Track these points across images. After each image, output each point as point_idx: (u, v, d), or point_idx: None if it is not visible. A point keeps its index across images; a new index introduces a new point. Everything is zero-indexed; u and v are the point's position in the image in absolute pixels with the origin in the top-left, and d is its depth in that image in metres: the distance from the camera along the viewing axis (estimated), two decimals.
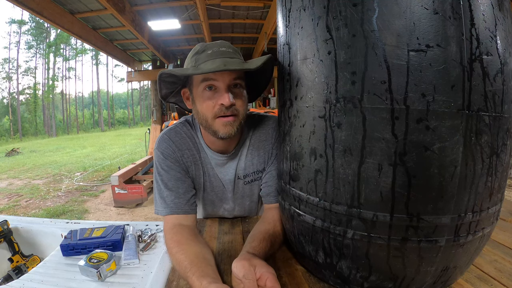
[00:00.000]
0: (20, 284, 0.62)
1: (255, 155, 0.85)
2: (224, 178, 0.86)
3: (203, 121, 0.73)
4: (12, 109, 26.24)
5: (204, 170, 0.84)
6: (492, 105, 0.45)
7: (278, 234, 0.72)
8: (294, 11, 0.55)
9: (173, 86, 0.78)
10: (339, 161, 0.49)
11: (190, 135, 0.82)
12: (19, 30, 27.72)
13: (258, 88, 0.84)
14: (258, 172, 0.86)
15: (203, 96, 0.71)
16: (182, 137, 0.81)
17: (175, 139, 0.81)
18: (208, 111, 0.70)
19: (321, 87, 0.51)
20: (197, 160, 0.82)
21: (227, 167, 0.85)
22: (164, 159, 0.78)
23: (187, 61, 0.73)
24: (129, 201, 3.84)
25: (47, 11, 3.85)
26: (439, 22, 0.42)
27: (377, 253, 0.49)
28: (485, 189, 0.47)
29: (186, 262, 0.59)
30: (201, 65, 0.67)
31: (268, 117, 0.88)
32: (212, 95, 0.70)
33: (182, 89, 0.78)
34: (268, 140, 0.84)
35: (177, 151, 0.80)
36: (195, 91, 0.72)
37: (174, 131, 0.82)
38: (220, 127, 0.71)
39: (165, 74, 0.70)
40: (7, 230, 0.90)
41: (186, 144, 0.81)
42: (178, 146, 0.80)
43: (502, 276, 0.59)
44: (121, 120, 39.55)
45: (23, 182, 5.56)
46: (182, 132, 0.82)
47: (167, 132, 0.82)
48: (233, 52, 0.70)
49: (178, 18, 4.93)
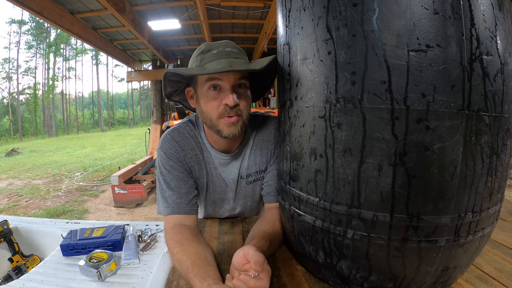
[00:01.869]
0: (20, 284, 0.62)
1: (258, 155, 0.85)
2: (227, 178, 0.86)
3: (207, 121, 0.73)
4: (12, 109, 26.24)
5: (207, 170, 0.84)
6: (492, 105, 0.45)
7: (278, 233, 0.72)
8: (294, 11, 0.55)
9: (178, 85, 0.78)
10: (339, 161, 0.49)
11: (193, 135, 0.83)
12: (19, 30, 27.72)
13: (262, 88, 0.84)
14: (261, 172, 0.87)
15: (207, 95, 0.71)
16: (185, 137, 0.81)
17: (178, 139, 0.81)
18: (212, 110, 0.71)
19: (321, 87, 0.51)
20: (200, 160, 0.82)
21: (231, 167, 0.85)
22: (167, 159, 0.78)
23: (192, 60, 0.73)
24: (129, 201, 3.84)
25: (47, 11, 3.84)
26: (439, 22, 0.42)
27: (377, 253, 0.49)
28: (485, 189, 0.47)
29: (188, 263, 0.59)
30: (207, 65, 0.67)
31: (271, 118, 0.89)
32: (216, 95, 0.70)
33: (186, 88, 0.79)
34: (270, 140, 0.85)
35: (180, 151, 0.80)
36: (200, 90, 0.73)
37: (178, 131, 0.82)
38: (224, 127, 0.71)
39: (170, 73, 0.70)
40: (7, 230, 0.90)
41: (190, 144, 0.81)
42: (181, 146, 0.80)
43: (502, 276, 0.59)
44: (121, 120, 39.53)
45: (23, 182, 5.56)
46: (185, 132, 0.82)
47: (170, 132, 0.82)
48: (238, 53, 0.71)
49: (178, 18, 4.93)
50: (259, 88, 0.83)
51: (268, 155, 0.85)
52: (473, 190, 0.46)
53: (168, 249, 0.68)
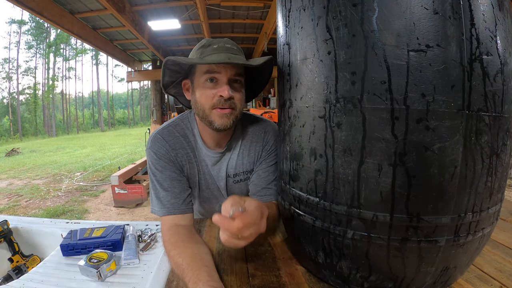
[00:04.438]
0: (20, 284, 0.62)
1: (245, 155, 0.86)
2: (217, 176, 0.87)
3: (200, 111, 0.74)
4: (12, 109, 26.24)
5: (198, 168, 0.84)
6: (492, 105, 0.45)
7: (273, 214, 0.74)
8: (294, 11, 0.55)
9: (176, 75, 0.79)
10: (339, 161, 0.49)
11: (184, 134, 0.82)
12: (19, 30, 27.72)
13: (255, 89, 0.86)
14: (247, 173, 0.88)
15: (204, 86, 0.72)
16: (175, 136, 0.81)
17: (168, 139, 0.80)
18: (206, 101, 0.72)
19: (321, 87, 0.51)
20: (191, 158, 0.82)
21: (220, 165, 0.86)
22: (158, 159, 0.78)
23: (193, 53, 0.75)
24: (129, 201, 3.84)
25: (47, 11, 3.85)
26: (439, 22, 0.42)
27: (377, 253, 0.49)
28: (485, 189, 0.47)
29: (183, 266, 0.59)
30: (206, 57, 0.69)
31: (263, 120, 0.90)
32: (213, 86, 0.71)
33: (184, 80, 0.80)
34: (259, 142, 0.86)
35: (171, 150, 0.79)
36: (197, 81, 0.74)
37: (167, 130, 0.82)
38: (217, 118, 0.72)
39: (170, 61, 0.71)
40: (7, 230, 0.90)
41: (180, 143, 0.81)
42: (171, 146, 0.79)
43: (502, 276, 0.59)
44: (121, 120, 39.54)
45: (23, 182, 5.56)
46: (175, 131, 0.82)
47: (159, 131, 0.81)
48: (237, 50, 0.73)
49: (178, 18, 4.93)
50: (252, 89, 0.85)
51: (255, 156, 0.86)
52: (473, 190, 0.46)
53: (165, 252, 0.68)
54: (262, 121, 0.89)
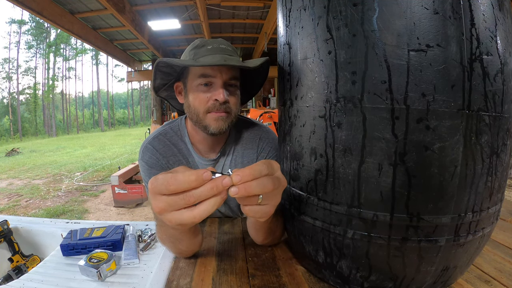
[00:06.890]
0: (20, 284, 0.62)
1: (238, 162, 0.84)
2: None
3: (193, 116, 0.72)
4: (12, 109, 26.23)
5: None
6: (492, 105, 0.45)
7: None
8: (294, 11, 0.55)
9: (168, 77, 0.77)
10: (339, 161, 0.49)
11: (174, 141, 0.81)
12: (19, 30, 27.72)
13: (250, 92, 0.83)
14: None
15: (197, 90, 0.70)
16: (166, 144, 0.80)
17: (159, 147, 0.79)
18: (201, 105, 0.70)
19: (321, 87, 0.51)
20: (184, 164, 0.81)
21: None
22: (150, 169, 0.77)
23: (185, 54, 0.72)
24: (129, 201, 3.84)
25: (47, 11, 3.85)
26: (439, 22, 0.42)
27: (377, 253, 0.49)
28: (485, 189, 0.47)
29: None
30: (201, 59, 0.67)
31: (258, 126, 0.87)
32: (207, 90, 0.69)
33: (176, 82, 0.77)
34: (253, 149, 0.84)
35: (162, 158, 0.78)
36: (190, 84, 0.71)
37: (157, 139, 0.81)
38: (212, 122, 0.70)
39: (162, 62, 0.68)
40: (7, 230, 0.90)
41: (171, 151, 0.80)
42: (162, 154, 0.79)
43: (502, 276, 0.59)
44: (121, 120, 39.55)
45: (23, 182, 5.56)
46: (165, 139, 0.81)
47: (149, 141, 0.81)
48: (232, 51, 0.71)
49: (178, 18, 4.94)
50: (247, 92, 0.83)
51: (249, 163, 0.84)
52: (473, 190, 0.46)
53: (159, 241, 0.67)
54: (257, 126, 0.87)
